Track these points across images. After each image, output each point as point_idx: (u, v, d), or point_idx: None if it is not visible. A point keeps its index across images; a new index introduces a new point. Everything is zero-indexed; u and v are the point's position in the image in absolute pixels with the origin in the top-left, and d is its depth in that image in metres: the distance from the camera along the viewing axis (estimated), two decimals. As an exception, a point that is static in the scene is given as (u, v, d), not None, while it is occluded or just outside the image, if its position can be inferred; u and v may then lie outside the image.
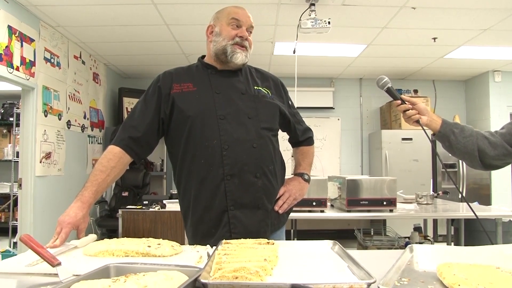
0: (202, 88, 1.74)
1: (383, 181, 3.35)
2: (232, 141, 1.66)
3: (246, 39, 1.77)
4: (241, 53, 1.74)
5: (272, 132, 1.79)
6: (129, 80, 7.17)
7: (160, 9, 4.23)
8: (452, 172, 6.33)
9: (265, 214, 1.72)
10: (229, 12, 1.78)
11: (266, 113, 1.76)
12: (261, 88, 1.82)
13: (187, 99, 1.71)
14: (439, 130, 1.65)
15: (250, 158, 1.67)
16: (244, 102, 1.73)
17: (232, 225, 1.65)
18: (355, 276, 1.04)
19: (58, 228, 1.56)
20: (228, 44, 1.74)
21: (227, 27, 1.76)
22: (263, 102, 1.77)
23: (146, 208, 4.03)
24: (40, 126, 4.45)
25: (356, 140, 7.32)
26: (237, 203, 1.66)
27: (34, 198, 4.34)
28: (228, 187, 1.65)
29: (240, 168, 1.66)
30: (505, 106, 6.59)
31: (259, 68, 1.96)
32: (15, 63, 3.97)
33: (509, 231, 4.34)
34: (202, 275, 0.97)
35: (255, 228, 1.67)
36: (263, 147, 1.72)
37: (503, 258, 1.23)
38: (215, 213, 1.67)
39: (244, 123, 1.69)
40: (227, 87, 1.76)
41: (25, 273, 1.16)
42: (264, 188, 1.71)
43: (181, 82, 1.75)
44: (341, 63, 6.32)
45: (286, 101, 1.93)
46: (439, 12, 4.25)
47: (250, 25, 1.79)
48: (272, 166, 1.75)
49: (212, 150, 1.66)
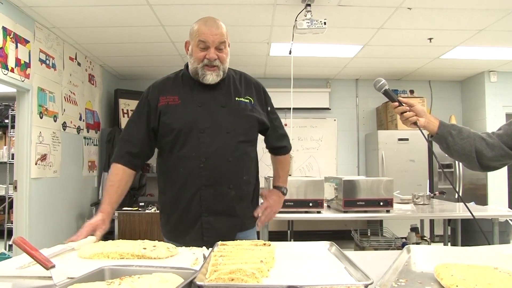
0: (186, 101, 1.85)
1: (379, 181, 3.35)
2: (209, 154, 1.78)
3: (215, 59, 1.81)
4: (211, 74, 1.82)
5: (249, 143, 1.90)
6: (125, 82, 7.15)
7: (156, 10, 4.22)
8: (449, 173, 6.35)
9: (236, 221, 1.86)
10: (197, 32, 1.81)
11: (244, 127, 1.86)
12: (242, 98, 1.90)
13: (172, 113, 1.83)
14: (437, 132, 1.65)
15: (225, 171, 1.80)
16: (223, 116, 1.83)
17: (205, 229, 1.81)
18: (352, 277, 1.04)
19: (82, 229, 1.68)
20: (199, 67, 1.82)
21: (196, 48, 1.81)
22: (242, 115, 1.86)
23: (142, 210, 4.02)
24: (36, 127, 4.43)
25: (353, 140, 7.33)
26: (210, 210, 1.81)
27: (30, 200, 4.31)
28: (203, 196, 1.80)
29: (215, 180, 1.79)
30: (501, 106, 6.61)
31: (244, 74, 2.04)
32: (10, 65, 3.94)
33: (506, 231, 4.35)
34: (198, 277, 0.96)
35: (226, 232, 1.79)
36: (238, 160, 1.83)
37: (500, 259, 1.22)
38: (191, 217, 1.82)
39: (222, 137, 1.81)
40: (209, 100, 1.85)
41: (19, 276, 1.15)
42: (236, 198, 1.84)
43: (167, 95, 1.87)
44: (337, 63, 6.33)
45: (266, 108, 2.00)
46: (435, 12, 4.26)
47: (219, 42, 1.82)
48: (247, 175, 1.88)
49: (191, 161, 1.79)
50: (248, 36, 4.92)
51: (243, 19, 4.45)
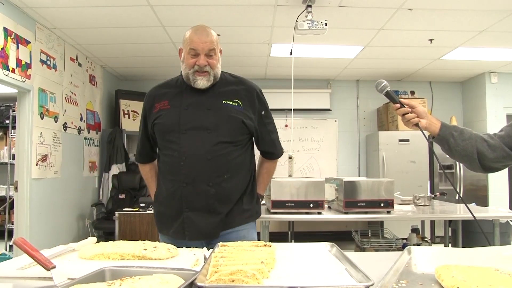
0: (174, 105, 1.96)
1: (380, 182, 3.34)
2: (189, 153, 1.88)
3: (204, 65, 1.89)
4: (201, 79, 1.90)
5: (234, 143, 1.94)
6: (126, 82, 7.15)
7: (157, 11, 4.22)
8: (449, 173, 6.34)
9: (218, 217, 1.90)
10: (188, 40, 1.93)
11: (227, 127, 1.92)
12: (230, 101, 1.96)
13: (162, 117, 1.96)
14: (438, 133, 1.65)
15: (203, 169, 1.87)
16: (207, 118, 1.91)
17: (186, 224, 1.89)
18: (353, 278, 1.03)
19: None
20: (190, 73, 1.91)
21: (188, 55, 1.92)
22: (226, 116, 1.93)
23: (143, 211, 4.02)
24: (36, 128, 4.43)
25: (353, 141, 7.32)
26: (191, 206, 1.89)
27: (30, 201, 4.32)
28: (183, 192, 1.89)
29: (194, 177, 1.87)
30: (502, 107, 6.60)
31: (242, 79, 2.08)
32: (10, 65, 3.95)
33: (507, 232, 4.34)
34: (199, 278, 0.96)
35: (208, 229, 1.88)
36: (218, 159, 1.88)
37: (501, 260, 1.22)
38: (173, 210, 1.93)
39: (202, 137, 1.89)
40: (195, 104, 1.94)
41: (20, 276, 1.15)
42: (217, 196, 1.89)
43: (160, 101, 1.99)
44: (338, 64, 6.33)
45: (259, 111, 2.04)
46: (436, 13, 4.26)
47: (209, 49, 1.90)
48: (229, 174, 1.91)
49: (174, 160, 1.91)
50: (248, 37, 4.93)
51: (243, 20, 4.45)
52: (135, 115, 6.73)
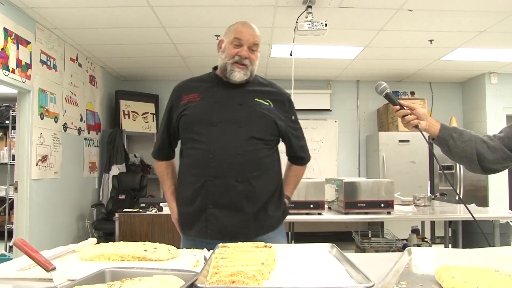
0: (205, 98, 1.91)
1: (380, 183, 3.34)
2: (219, 146, 1.82)
3: (246, 57, 1.86)
4: (239, 71, 1.87)
5: (264, 141, 1.88)
6: (126, 83, 7.15)
7: (157, 11, 4.22)
8: (449, 174, 6.34)
9: (244, 217, 1.82)
10: (234, 30, 1.90)
11: (259, 124, 1.88)
12: (262, 100, 1.92)
13: (191, 109, 1.90)
14: (438, 134, 1.65)
15: (233, 164, 1.81)
16: (239, 112, 1.87)
17: (209, 222, 1.82)
18: (353, 279, 1.03)
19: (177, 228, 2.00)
20: (229, 63, 1.87)
21: (230, 45, 1.88)
22: (258, 113, 1.89)
23: (143, 211, 4.01)
24: (36, 129, 4.43)
25: (354, 142, 7.32)
26: (216, 203, 1.82)
27: (30, 202, 4.32)
28: (209, 187, 1.82)
29: (222, 171, 1.81)
30: (502, 108, 6.60)
31: (273, 82, 2.06)
32: (11, 66, 3.95)
33: (507, 232, 4.34)
34: (199, 280, 0.96)
35: (233, 228, 1.80)
36: (249, 155, 1.83)
37: (501, 261, 1.22)
38: (196, 208, 1.85)
39: (234, 131, 1.84)
40: (227, 98, 1.90)
41: (20, 278, 1.15)
42: (245, 193, 1.82)
43: (189, 93, 1.94)
44: (338, 65, 6.33)
45: (289, 116, 2.00)
46: (436, 14, 4.26)
47: (253, 43, 1.88)
48: (258, 172, 1.85)
49: (201, 153, 1.84)
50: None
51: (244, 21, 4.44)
52: (135, 116, 6.73)
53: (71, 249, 1.44)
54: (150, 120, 6.87)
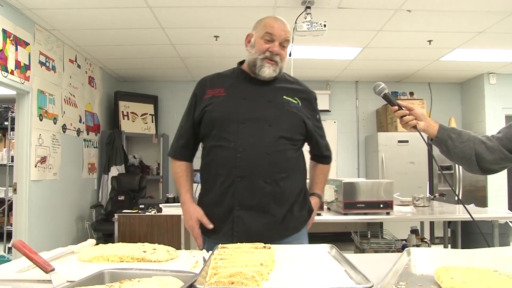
0: (232, 94, 1.85)
1: (379, 183, 3.35)
2: (248, 145, 1.75)
3: (277, 54, 1.81)
4: (269, 67, 1.81)
5: (292, 142, 1.83)
6: (125, 84, 7.15)
7: (156, 12, 4.22)
8: (448, 175, 6.34)
9: (271, 219, 1.76)
10: (265, 24, 1.84)
11: (288, 123, 1.82)
12: (290, 98, 1.87)
13: (216, 104, 1.83)
14: (437, 135, 1.65)
15: (262, 164, 1.74)
16: (268, 110, 1.81)
17: (236, 224, 1.75)
18: (353, 280, 1.03)
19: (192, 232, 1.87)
20: (259, 58, 1.81)
21: (261, 40, 1.82)
22: (287, 111, 1.83)
23: (142, 212, 4.01)
24: (35, 130, 4.43)
25: (353, 142, 7.33)
26: (243, 204, 1.75)
27: (29, 203, 4.31)
28: (237, 188, 1.74)
29: (251, 171, 1.74)
30: (501, 108, 6.61)
31: (297, 79, 2.02)
32: (9, 67, 3.94)
33: (506, 233, 4.35)
34: (198, 281, 0.96)
35: (259, 230, 1.73)
36: (278, 155, 1.77)
37: (500, 261, 1.22)
38: (222, 209, 1.78)
39: (263, 129, 1.77)
40: (255, 94, 1.84)
41: (19, 279, 1.15)
42: (273, 194, 1.76)
43: (214, 88, 1.88)
44: (337, 66, 6.33)
45: (314, 115, 1.96)
46: (435, 14, 4.26)
47: (285, 39, 1.83)
48: (286, 174, 1.79)
49: (228, 151, 1.76)
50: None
51: (243, 21, 4.45)
52: (134, 117, 6.72)
53: (70, 250, 1.43)
54: (149, 121, 6.86)
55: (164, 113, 7.16)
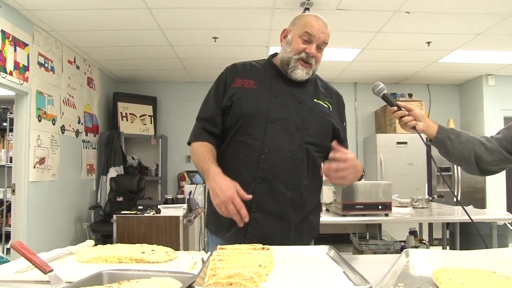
0: (262, 88, 1.75)
1: (378, 185, 3.35)
2: (274, 147, 1.66)
3: (313, 56, 1.74)
4: (302, 69, 1.73)
5: (318, 148, 1.74)
6: (124, 85, 7.15)
7: (154, 14, 4.22)
8: (447, 176, 6.35)
9: (287, 226, 1.69)
10: (305, 23, 1.74)
11: (316, 128, 1.73)
12: (321, 101, 1.80)
13: (245, 95, 1.73)
14: (436, 136, 1.65)
15: (285, 168, 1.66)
16: (297, 112, 1.72)
17: (250, 226, 1.64)
18: (351, 281, 1.03)
19: (230, 206, 1.50)
20: (293, 58, 1.73)
21: (298, 39, 1.74)
22: (317, 116, 1.75)
23: (140, 213, 4.01)
24: (34, 131, 4.42)
25: (351, 144, 7.23)
26: (261, 207, 1.66)
27: (28, 204, 4.31)
28: (257, 189, 1.65)
29: (273, 175, 1.65)
30: (499, 110, 6.62)
31: (328, 83, 1.96)
32: (8, 68, 3.94)
33: (504, 234, 4.34)
34: (196, 282, 0.96)
35: (272, 236, 1.64)
36: (302, 161, 1.69)
37: (499, 263, 1.22)
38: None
39: (291, 132, 1.69)
40: (286, 93, 1.75)
41: (17, 280, 1.14)
42: (292, 201, 1.69)
43: (244, 78, 1.78)
44: (336, 67, 6.34)
45: (342, 120, 1.89)
46: (433, 16, 4.27)
47: (323, 42, 1.75)
48: (308, 181, 1.72)
49: (252, 149, 1.67)
50: (247, 39, 4.93)
51: (242, 23, 4.45)
52: (133, 118, 6.72)
53: (68, 251, 1.43)
54: (148, 122, 6.86)
55: (162, 114, 7.16)
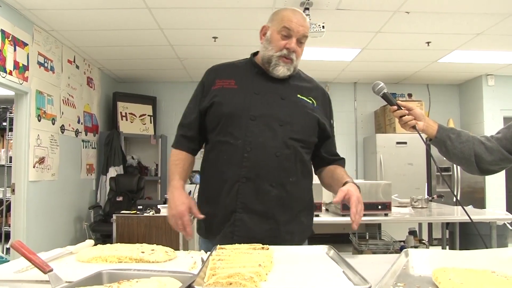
0: (243, 87, 1.72)
1: (378, 185, 3.35)
2: (256, 144, 1.63)
3: (293, 51, 1.72)
4: (283, 66, 1.71)
5: (303, 144, 1.71)
6: (124, 85, 7.15)
7: (154, 13, 4.22)
8: (447, 176, 6.35)
9: (275, 225, 1.65)
10: (283, 18, 1.70)
11: (301, 123, 1.70)
12: (305, 97, 1.77)
13: (226, 96, 1.71)
14: (436, 135, 1.65)
15: (269, 166, 1.63)
16: (280, 108, 1.69)
17: (236, 227, 1.63)
18: (351, 281, 1.03)
19: (178, 221, 1.62)
20: (275, 56, 1.70)
21: (277, 35, 1.70)
22: (301, 111, 1.72)
23: (140, 213, 4.01)
24: (34, 130, 4.42)
25: (351, 144, 7.33)
26: (246, 207, 1.63)
27: (28, 203, 4.31)
28: (241, 189, 1.63)
29: (257, 173, 1.62)
30: (499, 110, 6.63)
31: (311, 78, 1.92)
32: (8, 67, 3.94)
33: (504, 234, 4.34)
34: (196, 281, 0.96)
35: (260, 236, 1.59)
36: (287, 158, 1.66)
37: (498, 262, 1.22)
38: (224, 211, 1.66)
39: (273, 129, 1.65)
40: (267, 90, 1.72)
41: (17, 280, 1.15)
42: (279, 199, 1.65)
43: (223, 78, 1.75)
44: (336, 67, 6.34)
45: (329, 117, 1.85)
46: (433, 16, 4.27)
47: (303, 35, 1.72)
48: (294, 178, 1.69)
49: (235, 149, 1.64)
50: (247, 39, 4.93)
51: (242, 23, 4.45)
52: (132, 118, 6.72)
53: (68, 251, 1.43)
54: (147, 122, 6.86)
55: (162, 114, 7.16)
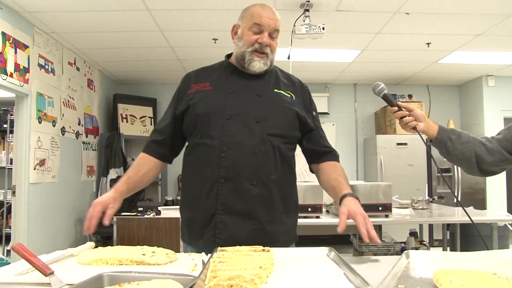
0: (218, 88, 1.71)
1: (378, 186, 3.34)
2: (233, 143, 1.60)
3: (267, 45, 1.70)
4: (259, 61, 1.70)
5: (285, 139, 1.68)
6: (124, 86, 7.15)
7: (154, 15, 4.23)
8: (447, 177, 6.35)
9: (258, 226, 1.61)
10: (252, 14, 1.71)
11: (279, 118, 1.68)
12: (283, 91, 1.75)
13: (200, 98, 1.70)
14: (436, 136, 1.65)
15: (248, 164, 1.60)
16: (256, 105, 1.67)
17: (218, 229, 1.60)
18: (352, 283, 1.03)
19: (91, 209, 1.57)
20: (247, 51, 1.69)
21: (248, 31, 1.70)
22: (278, 106, 1.70)
23: (141, 215, 4.00)
24: (34, 132, 4.42)
25: (351, 145, 7.33)
26: (227, 208, 1.60)
27: (28, 205, 4.30)
28: (221, 190, 1.60)
29: (236, 172, 1.59)
30: (499, 111, 6.62)
31: (288, 73, 1.91)
32: (9, 70, 3.94)
33: (505, 235, 4.35)
34: (197, 284, 0.96)
35: (243, 238, 1.55)
36: (266, 154, 1.63)
37: (499, 264, 1.22)
38: (204, 214, 1.63)
39: (250, 126, 1.63)
40: (243, 88, 1.71)
41: (17, 282, 1.14)
42: (260, 198, 1.61)
43: (198, 82, 1.75)
44: (336, 68, 6.34)
45: (310, 109, 1.83)
46: (433, 17, 4.27)
47: (274, 29, 1.71)
48: (276, 175, 1.65)
49: (212, 150, 1.62)
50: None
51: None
52: (133, 119, 6.72)
53: (69, 253, 1.43)
54: (148, 123, 6.86)
55: (163, 115, 7.16)
